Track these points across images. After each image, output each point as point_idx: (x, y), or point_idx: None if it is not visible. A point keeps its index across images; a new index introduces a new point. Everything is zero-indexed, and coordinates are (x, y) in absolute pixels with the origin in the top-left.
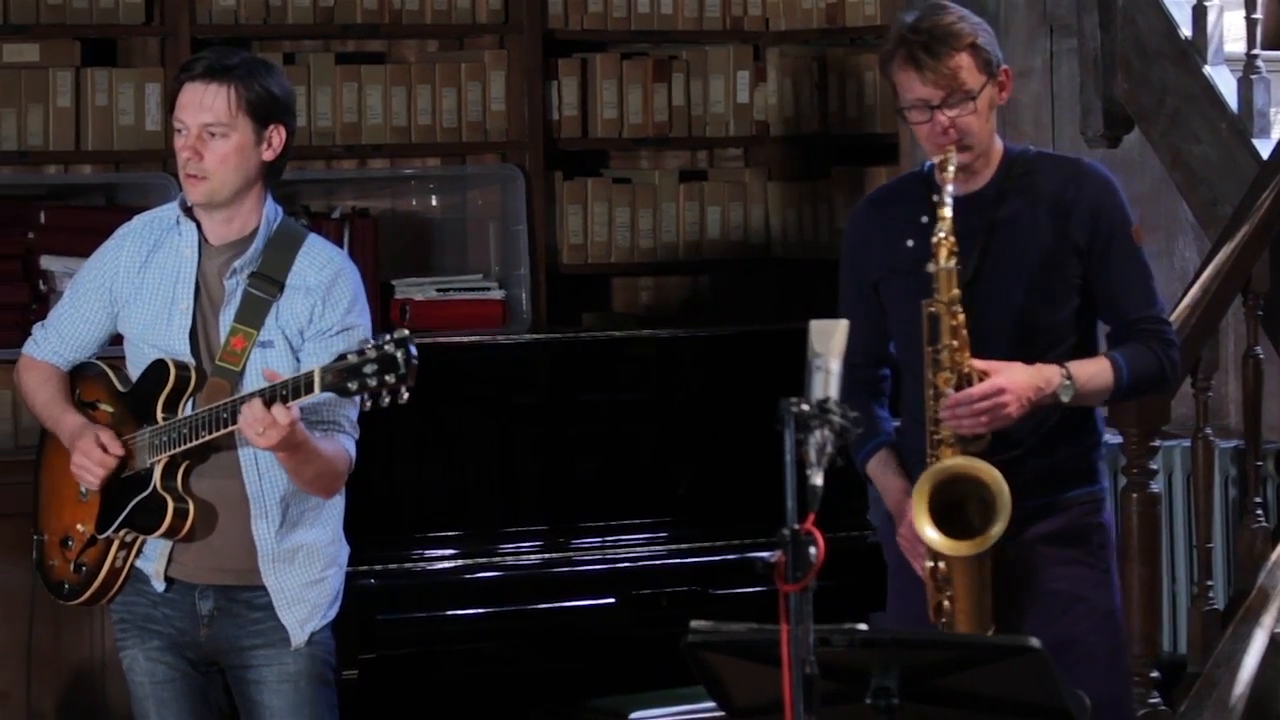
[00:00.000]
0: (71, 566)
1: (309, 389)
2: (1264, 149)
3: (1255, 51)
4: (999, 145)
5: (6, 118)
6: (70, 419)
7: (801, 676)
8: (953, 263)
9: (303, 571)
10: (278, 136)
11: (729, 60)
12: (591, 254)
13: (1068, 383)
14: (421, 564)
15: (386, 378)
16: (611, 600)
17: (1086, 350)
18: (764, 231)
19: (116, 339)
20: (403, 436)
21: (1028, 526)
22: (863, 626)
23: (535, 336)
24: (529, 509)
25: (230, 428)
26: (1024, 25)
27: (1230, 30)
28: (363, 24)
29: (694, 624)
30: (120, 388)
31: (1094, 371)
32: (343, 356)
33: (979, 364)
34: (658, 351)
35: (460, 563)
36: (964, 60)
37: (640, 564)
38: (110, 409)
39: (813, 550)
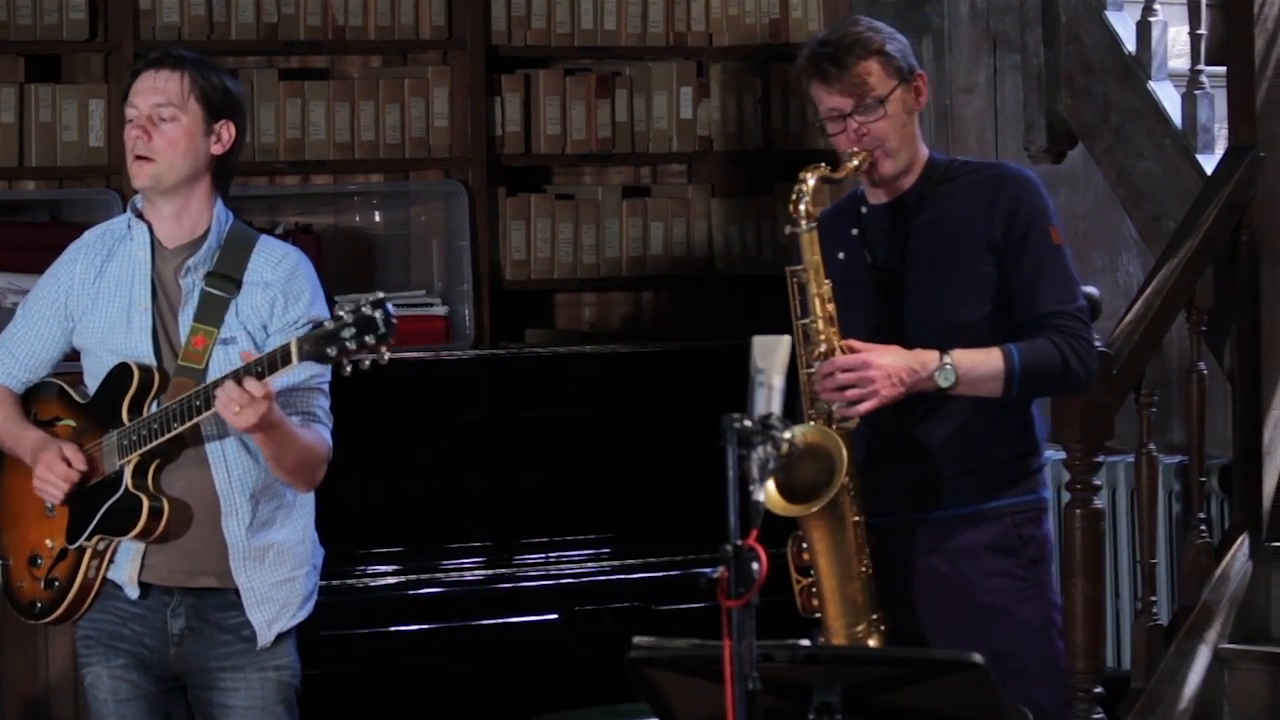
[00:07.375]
0: (42, 584)
1: (286, 360)
2: (1208, 165)
3: (1199, 67)
4: (924, 154)
5: None
6: (31, 435)
7: (744, 692)
8: (814, 227)
9: (273, 570)
10: (227, 132)
11: (672, 76)
12: (535, 270)
13: (947, 366)
14: (364, 580)
15: (366, 339)
16: (555, 616)
17: None
18: (707, 247)
19: (68, 357)
20: (345, 452)
21: (956, 535)
22: (805, 642)
23: (478, 353)
24: (472, 525)
25: (204, 414)
26: (967, 41)
27: (1174, 46)
28: (306, 40)
29: (637, 640)
30: (79, 400)
31: (980, 358)
32: (319, 324)
33: (852, 344)
34: (601, 368)
35: (403, 579)
36: (871, 67)
37: (584, 580)
38: (72, 423)
39: (755, 566)
